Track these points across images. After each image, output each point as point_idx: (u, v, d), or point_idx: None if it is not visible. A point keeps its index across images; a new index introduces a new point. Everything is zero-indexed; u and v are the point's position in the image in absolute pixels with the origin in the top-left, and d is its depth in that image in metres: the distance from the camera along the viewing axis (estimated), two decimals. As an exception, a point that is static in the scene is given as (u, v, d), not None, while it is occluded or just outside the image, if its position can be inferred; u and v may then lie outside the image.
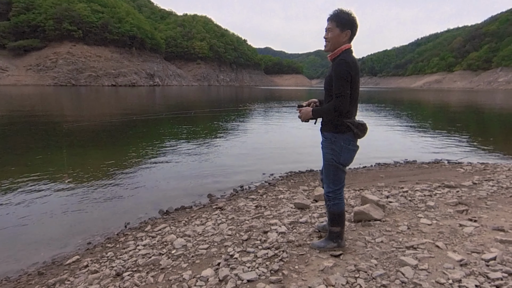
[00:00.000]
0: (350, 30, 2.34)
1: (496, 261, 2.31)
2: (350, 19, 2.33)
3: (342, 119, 2.36)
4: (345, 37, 2.34)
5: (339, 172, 2.49)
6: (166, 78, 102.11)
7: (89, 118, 15.79)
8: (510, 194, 4.17)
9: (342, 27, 2.33)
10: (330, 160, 2.47)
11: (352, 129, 2.35)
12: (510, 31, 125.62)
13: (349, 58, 2.31)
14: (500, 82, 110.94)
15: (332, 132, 2.42)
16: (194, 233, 3.46)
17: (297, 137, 11.64)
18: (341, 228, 2.57)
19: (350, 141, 2.42)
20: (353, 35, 2.38)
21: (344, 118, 2.36)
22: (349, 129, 2.35)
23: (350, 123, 2.35)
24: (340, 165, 2.47)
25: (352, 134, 2.39)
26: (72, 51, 76.74)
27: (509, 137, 12.92)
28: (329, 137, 2.45)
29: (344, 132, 2.38)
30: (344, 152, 2.42)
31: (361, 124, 2.38)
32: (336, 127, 2.39)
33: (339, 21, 2.33)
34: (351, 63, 2.28)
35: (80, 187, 5.57)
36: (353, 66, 2.28)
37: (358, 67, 2.36)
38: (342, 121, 2.36)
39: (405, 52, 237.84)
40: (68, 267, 3.10)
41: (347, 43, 2.37)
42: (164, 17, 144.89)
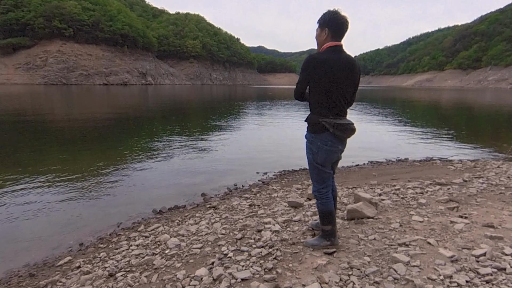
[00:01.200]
0: (328, 28, 2.33)
1: (486, 256, 2.35)
2: (328, 18, 2.33)
3: (318, 118, 2.35)
4: (324, 35, 2.36)
5: (320, 172, 2.49)
6: (159, 77, 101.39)
7: (84, 117, 15.61)
8: (499, 191, 4.24)
9: (322, 26, 2.37)
10: (310, 160, 2.51)
11: (328, 128, 2.32)
12: (499, 31, 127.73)
13: (317, 54, 2.33)
14: (489, 81, 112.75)
15: (310, 132, 2.44)
16: (187, 232, 3.45)
17: (290, 136, 11.67)
18: (332, 226, 2.58)
19: (328, 142, 2.37)
20: (336, 33, 2.33)
21: (320, 117, 2.34)
22: (325, 128, 2.33)
23: (326, 122, 2.31)
24: (318, 165, 2.47)
25: (329, 134, 2.35)
26: (62, 49, 75.71)
27: (498, 134, 13.15)
28: (308, 137, 2.47)
29: (321, 132, 2.36)
30: (321, 152, 2.40)
31: (340, 124, 2.31)
32: (313, 126, 2.40)
33: (320, 20, 2.40)
34: (311, 59, 2.31)
35: (71, 186, 5.50)
36: (312, 62, 2.30)
37: (336, 65, 2.27)
38: (318, 121, 2.35)
39: (397, 51, 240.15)
40: (60, 268, 3.06)
41: (329, 41, 2.35)
42: (156, 16, 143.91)
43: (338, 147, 2.44)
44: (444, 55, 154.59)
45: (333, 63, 2.27)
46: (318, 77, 2.29)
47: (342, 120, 2.35)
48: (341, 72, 2.29)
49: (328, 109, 2.34)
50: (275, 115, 18.71)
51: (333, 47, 2.33)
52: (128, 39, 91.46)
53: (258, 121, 16.05)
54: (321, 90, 2.32)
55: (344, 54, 2.35)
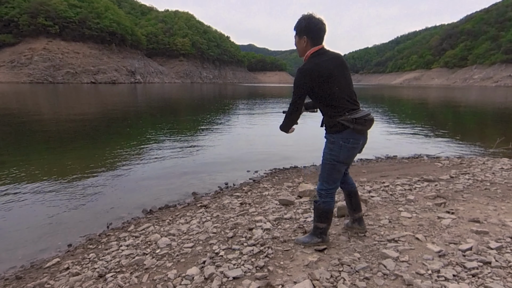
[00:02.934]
0: (306, 35, 2.32)
1: (472, 251, 2.41)
2: (304, 25, 2.32)
3: (335, 118, 2.31)
4: (304, 43, 2.35)
5: (334, 172, 2.44)
6: (148, 75, 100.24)
7: (71, 116, 15.32)
8: (484, 187, 4.35)
9: (299, 34, 2.36)
10: (327, 159, 2.42)
11: (348, 125, 2.29)
12: (484, 30, 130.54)
13: (306, 65, 2.29)
14: (475, 79, 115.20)
15: (330, 133, 2.38)
16: (178, 232, 3.43)
17: (281, 134, 11.69)
18: (327, 225, 2.60)
19: (350, 139, 2.33)
20: (315, 39, 2.32)
21: (337, 117, 2.31)
22: (345, 126, 2.30)
23: (344, 120, 2.28)
24: (339, 163, 2.41)
25: (350, 131, 2.31)
26: (48, 47, 74.08)
27: (484, 132, 13.45)
28: (329, 138, 2.41)
29: (341, 130, 2.32)
30: (344, 150, 2.36)
31: (358, 118, 2.28)
32: (332, 127, 2.35)
33: (296, 29, 2.38)
34: (305, 69, 2.26)
35: (59, 187, 5.40)
36: (307, 72, 2.25)
37: (327, 65, 2.27)
38: (335, 121, 2.31)
39: (385, 49, 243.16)
40: (48, 270, 3.00)
41: (310, 48, 2.34)
42: (144, 13, 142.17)
43: (360, 142, 2.41)
44: (431, 54, 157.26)
45: (325, 66, 2.26)
46: (318, 84, 2.26)
47: (359, 113, 2.31)
48: (335, 70, 2.29)
49: (341, 108, 2.31)
50: (265, 114, 18.72)
51: (317, 51, 2.32)
52: (116, 36, 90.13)
53: (249, 119, 16.04)
54: (327, 94, 2.30)
55: (328, 53, 2.35)
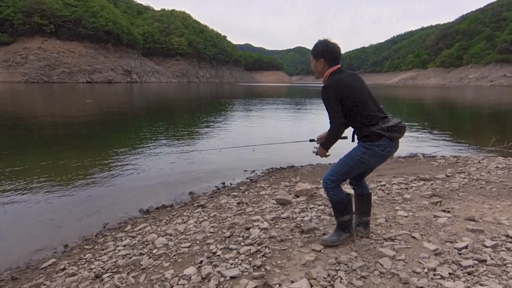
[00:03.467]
0: (323, 58, 2.46)
1: (468, 249, 2.42)
2: (321, 49, 2.46)
3: (369, 128, 2.36)
4: (321, 65, 2.48)
5: (354, 170, 2.48)
6: (144, 75, 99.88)
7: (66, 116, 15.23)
8: (480, 186, 4.38)
9: (316, 57, 2.49)
10: (354, 158, 2.44)
11: (383, 134, 2.34)
12: (479, 30, 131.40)
13: (330, 81, 2.39)
14: (470, 79, 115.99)
15: (366, 141, 2.41)
16: (175, 231, 3.42)
17: (278, 133, 11.70)
18: (350, 215, 2.57)
19: (386, 148, 2.38)
20: (332, 60, 2.45)
21: (371, 126, 2.36)
22: (381, 135, 2.35)
23: (379, 129, 2.34)
24: (364, 166, 2.46)
25: (386, 139, 2.37)
26: (43, 46, 73.61)
27: (479, 131, 13.55)
28: (363, 145, 2.42)
29: (377, 139, 2.36)
30: (377, 158, 2.40)
31: (392, 127, 2.34)
32: (368, 137, 2.39)
33: (313, 52, 2.51)
34: (331, 84, 2.36)
35: (55, 187, 5.37)
36: (334, 86, 2.35)
37: (348, 80, 2.39)
38: (370, 131, 2.36)
39: (381, 49, 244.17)
40: (44, 270, 2.98)
41: (328, 68, 2.46)
42: (141, 12, 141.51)
43: (393, 150, 2.47)
44: (427, 53, 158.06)
45: (346, 80, 2.38)
46: (345, 96, 2.34)
47: (391, 121, 2.38)
48: (356, 83, 2.40)
49: (373, 117, 2.38)
50: (262, 113, 18.72)
51: (335, 71, 2.45)
52: (112, 36, 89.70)
53: (246, 118, 16.04)
54: (357, 105, 2.36)
55: (346, 71, 2.49)
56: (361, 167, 2.48)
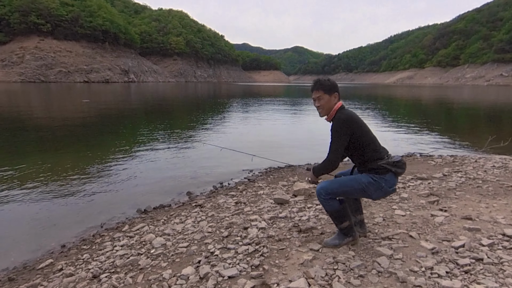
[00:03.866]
0: (337, 92, 2.55)
1: (465, 248, 2.44)
2: (332, 83, 2.55)
3: (377, 162, 2.40)
4: (334, 99, 2.54)
5: (352, 194, 2.49)
6: (142, 74, 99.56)
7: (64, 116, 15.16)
8: (477, 185, 4.40)
9: (329, 92, 2.53)
10: (359, 185, 2.43)
11: (390, 169, 2.39)
12: (476, 30, 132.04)
13: (343, 115, 2.46)
14: (467, 78, 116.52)
15: (373, 173, 2.43)
16: (173, 231, 3.42)
17: (275, 132, 11.71)
18: (349, 221, 2.56)
19: (392, 184, 2.44)
20: (339, 94, 2.57)
21: (378, 160, 2.41)
22: (387, 170, 2.40)
23: (386, 164, 2.39)
24: (364, 194, 2.48)
25: (392, 174, 2.43)
26: (40, 45, 73.18)
27: (476, 130, 13.62)
28: (371, 177, 2.42)
29: (384, 173, 2.41)
30: (381, 192, 2.44)
31: (397, 162, 2.42)
32: (376, 170, 2.41)
33: (326, 88, 2.54)
34: (345, 118, 2.43)
35: (52, 187, 5.34)
36: (349, 119, 2.42)
37: (356, 115, 2.48)
38: (377, 165, 2.40)
39: (379, 49, 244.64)
40: (41, 271, 2.97)
41: (337, 102, 2.54)
42: (138, 12, 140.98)
43: (395, 185, 2.53)
44: (424, 53, 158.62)
45: (356, 116, 2.49)
46: (358, 129, 2.42)
47: (395, 157, 2.47)
48: (361, 120, 2.49)
49: (380, 152, 2.45)
50: (260, 112, 18.72)
51: (342, 106, 2.54)
52: (109, 35, 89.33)
53: (243, 118, 16.03)
54: (368, 139, 2.44)
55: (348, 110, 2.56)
56: (361, 195, 2.50)
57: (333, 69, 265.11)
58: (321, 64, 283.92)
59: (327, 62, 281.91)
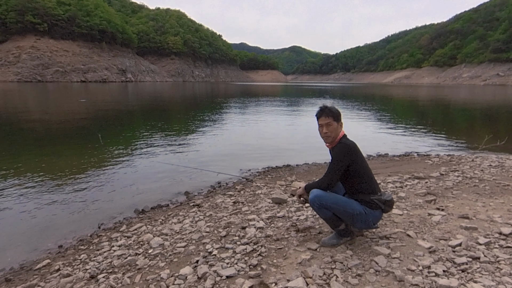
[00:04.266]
0: (341, 120, 2.65)
1: (462, 247, 2.45)
2: (338, 112, 2.64)
3: (369, 196, 2.46)
4: (340, 127, 2.64)
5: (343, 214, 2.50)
6: (139, 74, 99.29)
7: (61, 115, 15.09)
8: (473, 184, 4.43)
9: (337, 119, 2.61)
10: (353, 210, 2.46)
11: (380, 206, 2.46)
12: (472, 30, 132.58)
13: (349, 141, 2.55)
14: (464, 78, 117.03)
15: (365, 205, 2.48)
16: (171, 231, 3.41)
17: (273, 132, 11.72)
18: (345, 224, 2.59)
19: (377, 220, 2.56)
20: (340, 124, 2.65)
21: (371, 194, 2.46)
22: (378, 206, 2.46)
23: (377, 200, 2.46)
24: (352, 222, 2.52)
25: (381, 211, 2.52)
26: (36, 45, 72.81)
27: (472, 129, 13.69)
28: (362, 210, 2.46)
29: (375, 209, 2.47)
30: (367, 224, 2.52)
31: (388, 201, 2.49)
32: (368, 203, 2.47)
33: (335, 116, 2.61)
34: (351, 145, 2.51)
35: (48, 187, 5.32)
36: (352, 148, 2.50)
37: (358, 147, 2.55)
38: (369, 199, 2.46)
39: (376, 48, 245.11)
40: (38, 272, 2.96)
41: (341, 130, 2.63)
42: (135, 11, 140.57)
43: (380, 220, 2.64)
44: (422, 53, 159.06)
45: (356, 146, 2.56)
46: (356, 159, 2.49)
47: (387, 196, 2.52)
48: (360, 152, 2.58)
49: (374, 187, 2.52)
50: (258, 112, 18.72)
51: (345, 134, 2.62)
52: (106, 35, 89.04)
53: (241, 118, 16.02)
54: (362, 171, 2.50)
55: None
56: (347, 218, 2.52)
57: (330, 68, 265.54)
58: (319, 64, 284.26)
59: (324, 62, 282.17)
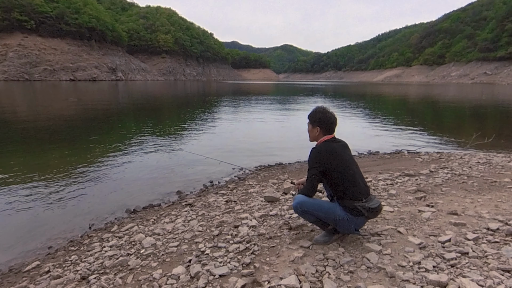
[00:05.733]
0: (319, 126, 2.56)
1: (451, 242, 2.49)
2: (318, 117, 2.57)
3: (353, 202, 2.42)
4: (316, 132, 2.58)
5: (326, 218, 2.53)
6: (130, 73, 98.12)
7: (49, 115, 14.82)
8: (462, 180, 4.51)
9: (313, 124, 2.60)
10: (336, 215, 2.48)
11: (363, 213, 2.43)
12: (461, 29, 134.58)
13: (321, 148, 2.49)
14: (452, 76, 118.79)
15: (347, 212, 2.46)
16: (163, 231, 3.39)
17: (265, 131, 11.73)
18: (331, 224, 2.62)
19: (359, 226, 2.55)
20: (327, 130, 2.56)
21: (355, 201, 2.42)
22: (361, 213, 2.43)
23: (361, 207, 2.41)
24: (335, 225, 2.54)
25: (363, 218, 2.49)
26: (24, 43, 71.23)
27: (461, 127, 13.92)
28: (344, 216, 2.46)
29: (357, 215, 2.44)
30: (348, 229, 2.52)
31: (373, 209, 2.45)
32: (350, 210, 2.44)
33: (310, 118, 2.62)
34: (322, 151, 2.46)
35: (38, 188, 5.23)
36: (326, 153, 2.44)
37: (340, 152, 2.48)
38: (353, 205, 2.43)
39: (367, 47, 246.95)
40: (27, 274, 2.91)
41: (323, 136, 2.57)
42: (125, 9, 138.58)
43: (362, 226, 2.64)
44: (411, 52, 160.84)
45: (338, 149, 2.49)
46: (334, 165, 2.42)
47: (373, 202, 2.48)
48: (346, 155, 2.50)
49: (358, 192, 2.45)
50: (250, 111, 18.70)
51: (329, 140, 2.55)
52: (95, 32, 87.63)
53: (233, 116, 15.99)
54: (343, 180, 2.43)
55: (338, 140, 2.60)
56: (330, 222, 2.55)
57: (322, 67, 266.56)
58: (310, 63, 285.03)
59: (316, 61, 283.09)
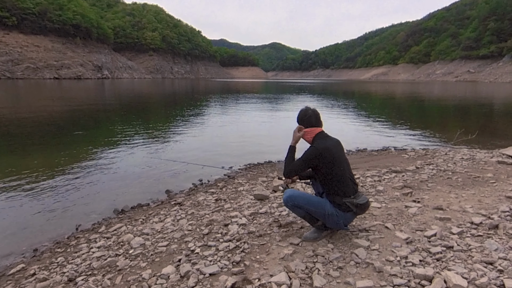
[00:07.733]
0: (303, 125, 2.66)
1: (437, 237, 2.55)
2: (300, 117, 2.69)
3: (342, 198, 2.47)
4: (300, 129, 2.66)
5: (315, 213, 2.57)
6: (116, 71, 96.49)
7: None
8: (447, 176, 4.62)
9: (299, 123, 2.70)
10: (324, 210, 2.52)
11: (352, 209, 2.48)
12: (445, 28, 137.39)
13: (318, 145, 2.52)
14: (437, 74, 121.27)
15: (336, 207, 2.51)
16: (152, 231, 3.36)
17: (254, 129, 11.73)
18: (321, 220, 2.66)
19: (348, 222, 2.61)
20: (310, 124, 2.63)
21: (343, 197, 2.47)
22: (349, 209, 2.49)
23: (349, 203, 2.47)
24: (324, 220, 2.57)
25: (352, 214, 2.55)
26: (5, 40, 69.14)
27: (445, 124, 14.24)
28: (333, 211, 2.50)
29: (345, 211, 2.50)
30: (337, 225, 2.55)
31: (361, 205, 2.50)
32: (339, 205, 2.49)
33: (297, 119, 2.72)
34: (320, 150, 2.49)
35: (21, 189, 5.10)
36: (322, 153, 2.48)
37: (332, 149, 2.51)
38: (342, 201, 2.48)
39: (354, 45, 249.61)
40: (12, 277, 2.84)
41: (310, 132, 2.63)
42: (110, 6, 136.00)
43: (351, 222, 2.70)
44: (397, 50, 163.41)
45: (332, 150, 2.52)
46: (326, 165, 2.48)
47: (361, 198, 2.54)
48: (339, 153, 2.56)
49: (347, 189, 2.51)
50: (239, 109, 18.67)
51: (318, 134, 2.61)
52: (80, 30, 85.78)
53: (222, 115, 15.94)
54: (336, 175, 2.49)
55: (330, 137, 2.64)
56: (319, 217, 2.60)
57: (310, 65, 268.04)
58: (299, 61, 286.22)
59: (304, 59, 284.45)
